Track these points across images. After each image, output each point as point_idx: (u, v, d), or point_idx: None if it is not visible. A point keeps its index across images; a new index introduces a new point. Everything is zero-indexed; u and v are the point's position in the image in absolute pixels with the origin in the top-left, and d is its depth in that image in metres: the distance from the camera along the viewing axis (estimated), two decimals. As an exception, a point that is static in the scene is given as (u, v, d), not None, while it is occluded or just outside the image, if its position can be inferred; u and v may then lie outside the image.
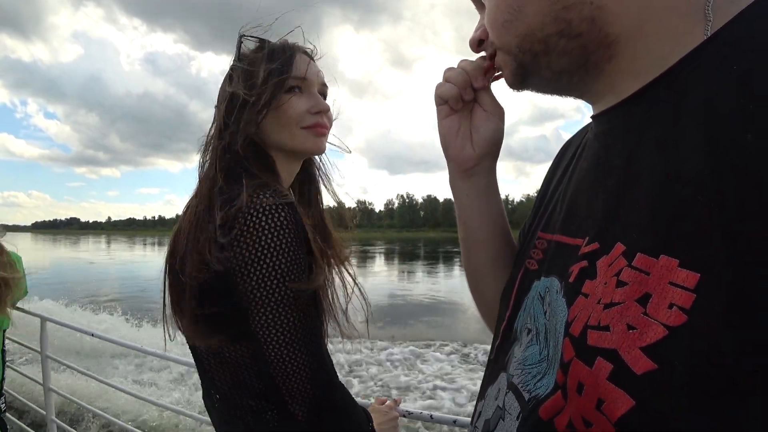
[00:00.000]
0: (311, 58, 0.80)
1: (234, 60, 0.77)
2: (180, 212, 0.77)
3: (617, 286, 0.29)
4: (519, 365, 0.39)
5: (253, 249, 0.61)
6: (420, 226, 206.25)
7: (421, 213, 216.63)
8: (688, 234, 0.26)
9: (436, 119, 0.56)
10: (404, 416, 1.03)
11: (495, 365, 0.46)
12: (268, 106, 0.72)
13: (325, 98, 0.81)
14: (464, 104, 0.54)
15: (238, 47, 0.77)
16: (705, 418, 0.22)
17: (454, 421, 1.06)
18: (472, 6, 0.49)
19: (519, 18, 0.38)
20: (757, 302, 0.22)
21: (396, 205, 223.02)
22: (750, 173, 0.24)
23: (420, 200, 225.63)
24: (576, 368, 0.29)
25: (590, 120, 0.44)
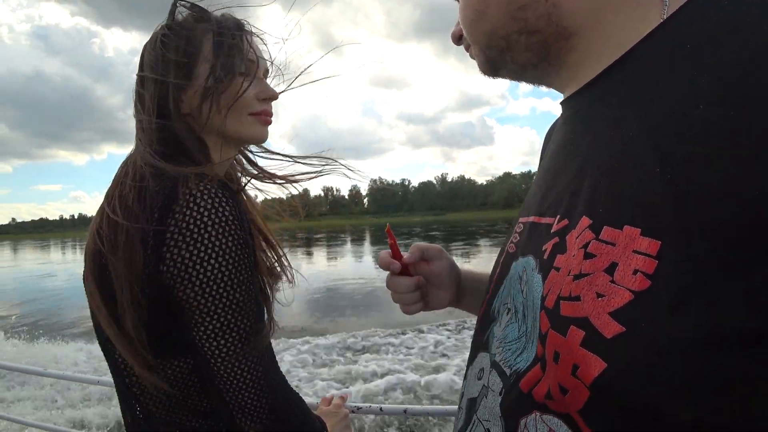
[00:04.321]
0: (256, 41, 0.73)
1: (166, 26, 0.68)
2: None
3: (585, 257, 0.31)
4: (500, 343, 0.41)
5: (194, 249, 0.54)
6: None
7: (372, 198, 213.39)
8: (648, 204, 0.28)
9: (348, 117, 0.57)
10: (353, 412, 1.02)
11: (475, 346, 0.48)
12: (221, 94, 0.65)
13: None
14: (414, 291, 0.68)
15: (172, 13, 0.69)
16: (671, 375, 0.24)
17: (405, 411, 1.06)
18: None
19: (482, 18, 0.41)
20: (710, 267, 0.23)
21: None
22: (701, 143, 0.26)
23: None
24: (552, 338, 0.31)
25: (531, 107, 0.47)
